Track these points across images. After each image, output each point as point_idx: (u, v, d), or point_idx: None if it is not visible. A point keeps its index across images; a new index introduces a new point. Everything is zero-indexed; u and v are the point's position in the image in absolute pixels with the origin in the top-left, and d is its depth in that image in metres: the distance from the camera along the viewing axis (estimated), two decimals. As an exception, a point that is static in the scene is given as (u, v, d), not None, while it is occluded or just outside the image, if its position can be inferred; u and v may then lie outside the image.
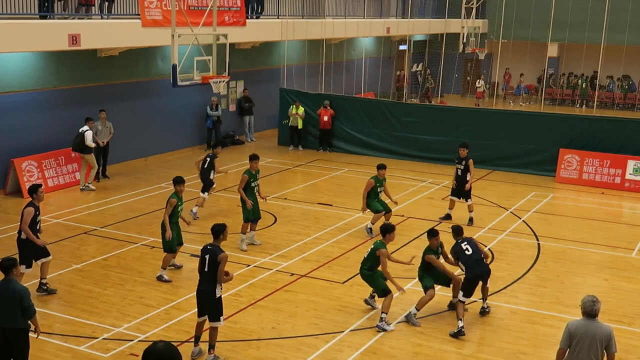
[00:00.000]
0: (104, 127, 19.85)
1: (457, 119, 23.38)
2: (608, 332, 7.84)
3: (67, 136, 19.58)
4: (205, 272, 9.82)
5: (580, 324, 7.90)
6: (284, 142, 26.02)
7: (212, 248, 9.85)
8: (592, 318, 7.88)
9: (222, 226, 10.06)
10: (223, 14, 21.84)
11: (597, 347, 7.77)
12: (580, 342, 7.80)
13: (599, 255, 15.03)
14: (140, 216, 16.85)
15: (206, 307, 9.90)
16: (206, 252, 9.85)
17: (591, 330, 7.80)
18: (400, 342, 10.76)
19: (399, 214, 17.50)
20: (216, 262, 9.70)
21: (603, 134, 21.39)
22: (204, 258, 9.81)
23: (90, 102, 20.30)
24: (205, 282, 9.85)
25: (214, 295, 9.81)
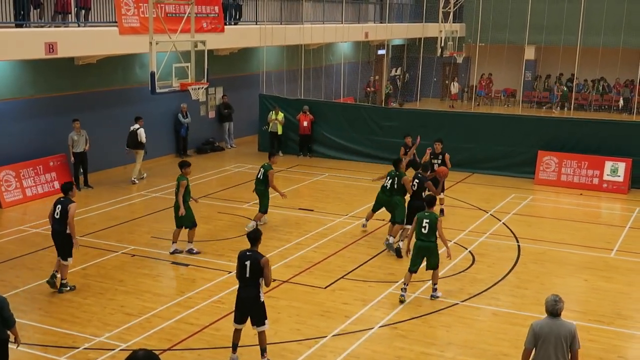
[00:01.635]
0: (79, 136, 19.64)
1: (436, 123, 23.45)
2: (571, 329, 7.90)
3: (45, 145, 19.47)
4: (247, 278, 9.83)
5: (544, 323, 7.96)
6: (264, 148, 25.96)
7: (253, 254, 9.86)
8: (555, 317, 7.95)
9: (259, 232, 10.09)
10: (201, 20, 21.81)
11: (562, 345, 7.83)
12: (546, 342, 7.86)
13: (578, 256, 15.15)
14: (121, 224, 16.75)
15: (251, 312, 9.95)
16: (246, 259, 9.85)
17: (555, 329, 7.86)
18: (382, 346, 10.78)
19: (379, 218, 17.53)
20: (259, 267, 9.73)
21: (580, 136, 21.57)
22: (244, 264, 9.82)
23: (68, 111, 20.17)
24: (248, 287, 9.86)
25: (258, 300, 9.89)
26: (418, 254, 12.35)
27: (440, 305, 12.31)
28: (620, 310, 12.29)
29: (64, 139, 19.84)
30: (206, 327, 11.31)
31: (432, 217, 12.23)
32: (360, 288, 13.04)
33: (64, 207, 12.32)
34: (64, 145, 19.85)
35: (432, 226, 12.14)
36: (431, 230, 12.18)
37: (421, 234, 12.27)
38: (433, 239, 12.23)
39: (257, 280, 9.81)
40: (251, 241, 9.97)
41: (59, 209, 12.40)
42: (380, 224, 16.99)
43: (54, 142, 19.79)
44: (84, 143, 19.76)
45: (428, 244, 12.24)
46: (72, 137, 19.55)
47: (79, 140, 19.66)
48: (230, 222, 17.12)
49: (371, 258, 14.67)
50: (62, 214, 12.33)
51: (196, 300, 12.37)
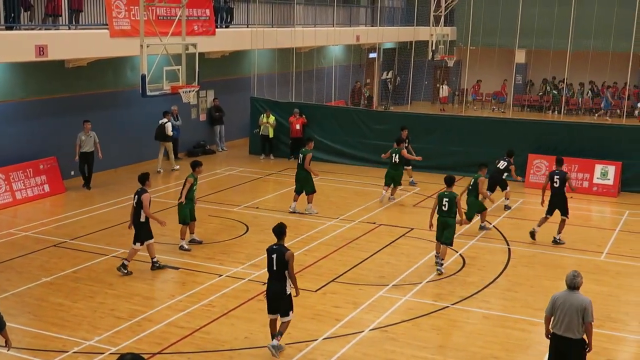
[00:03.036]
0: (87, 137, 19.98)
1: (427, 126, 23.53)
2: (585, 303, 8.89)
3: (35, 148, 19.41)
4: (274, 270, 10.30)
5: (561, 294, 9.05)
6: (255, 151, 25.99)
7: (278, 247, 10.32)
8: (572, 290, 8.99)
9: (284, 226, 10.49)
10: (192, 23, 21.80)
11: (576, 315, 8.85)
12: (562, 311, 8.93)
13: (569, 258, 15.20)
14: (111, 227, 16.70)
15: (278, 303, 10.37)
16: (272, 252, 10.33)
17: (569, 300, 8.91)
18: (373, 349, 10.78)
19: (370, 221, 17.56)
20: (284, 260, 10.18)
21: (571, 139, 21.65)
22: (271, 258, 10.30)
23: (59, 114, 20.14)
24: (275, 280, 10.34)
25: (284, 292, 10.32)
26: (439, 227, 14.15)
27: (431, 308, 12.33)
28: (609, 313, 12.33)
29: (54, 142, 19.83)
30: (196, 331, 11.30)
31: (452, 196, 14.05)
32: (351, 291, 13.05)
33: (139, 197, 13.51)
34: (54, 148, 19.83)
35: (452, 204, 13.95)
36: (450, 208, 13.97)
37: (442, 211, 14.11)
38: (452, 215, 14.05)
39: (283, 273, 10.27)
40: (277, 235, 10.41)
41: (135, 199, 13.62)
42: (370, 227, 17.02)
43: (44, 145, 19.73)
44: (92, 144, 20.05)
45: (447, 219, 14.04)
46: (81, 137, 19.89)
47: (86, 140, 19.97)
48: (221, 225, 17.10)
49: (362, 261, 14.68)
50: (137, 204, 13.57)
51: (186, 304, 12.34)
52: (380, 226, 17.20)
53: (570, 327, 8.89)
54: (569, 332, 8.91)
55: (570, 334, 8.91)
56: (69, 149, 20.20)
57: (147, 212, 13.53)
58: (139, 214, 13.60)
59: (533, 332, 11.59)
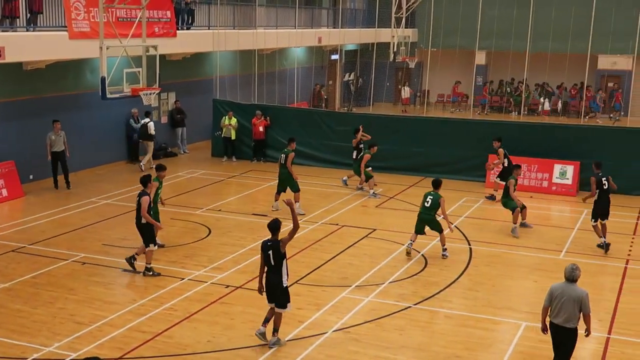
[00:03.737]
0: (57, 136, 20.07)
1: (389, 127, 23.65)
2: (582, 294, 9.33)
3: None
4: (272, 265, 10.68)
5: (559, 286, 9.48)
6: (217, 154, 25.87)
7: (273, 243, 10.67)
8: (570, 282, 9.41)
9: (279, 222, 10.81)
10: (152, 25, 21.62)
11: (574, 306, 9.29)
12: (558, 301, 9.38)
13: (529, 257, 15.40)
14: (72, 232, 16.49)
15: (276, 295, 10.72)
16: (268, 248, 10.68)
17: (567, 292, 9.34)
18: (336, 350, 10.80)
19: (333, 222, 17.60)
20: (280, 253, 10.64)
21: (530, 140, 21.93)
22: (268, 254, 10.66)
23: (17, 117, 19.83)
24: (273, 274, 10.69)
25: (282, 285, 10.70)
26: (420, 223, 15.15)
27: (394, 308, 12.40)
28: (569, 311, 12.49)
29: (12, 146, 19.54)
30: (158, 335, 11.21)
31: (436, 196, 14.93)
32: (313, 293, 13.06)
33: (139, 199, 13.53)
34: (12, 152, 19.53)
35: (435, 203, 14.86)
36: (433, 206, 14.91)
37: (424, 207, 15.06)
38: (433, 213, 15.00)
39: (280, 267, 10.66)
40: (272, 230, 10.73)
41: (137, 200, 13.67)
42: (333, 228, 17.05)
43: (1, 149, 19.41)
44: (62, 143, 20.15)
45: (428, 217, 15.05)
46: (51, 137, 20.00)
47: (57, 140, 20.06)
48: (184, 228, 16.99)
49: (325, 262, 14.70)
50: (138, 206, 13.60)
51: (148, 308, 12.24)
52: (343, 227, 17.24)
53: (568, 317, 9.35)
54: (567, 322, 9.38)
55: (568, 324, 9.39)
56: (28, 152, 19.93)
57: (144, 214, 13.48)
58: (140, 216, 13.59)
59: (495, 331, 11.72)
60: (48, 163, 20.25)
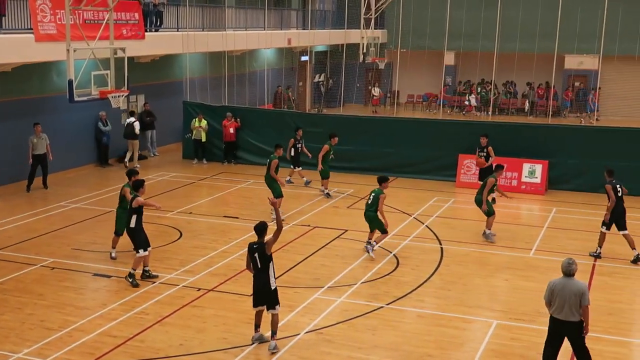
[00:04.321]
0: (39, 139, 20.11)
1: (359, 128, 23.72)
2: (581, 287, 9.52)
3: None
4: (259, 268, 10.58)
5: (559, 281, 9.60)
6: (188, 156, 25.74)
7: (259, 246, 10.57)
8: (568, 277, 9.55)
9: (265, 224, 10.72)
10: (120, 27, 21.45)
11: (574, 300, 9.42)
12: (560, 297, 9.48)
13: (499, 256, 15.52)
14: (39, 237, 16.28)
15: (264, 298, 10.66)
16: (254, 251, 10.58)
17: (567, 287, 9.48)
18: (309, 352, 10.79)
19: (305, 223, 17.60)
20: (266, 256, 10.53)
21: (499, 139, 22.07)
22: (254, 257, 10.57)
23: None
24: (260, 276, 10.60)
25: (270, 287, 10.62)
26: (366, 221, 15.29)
27: (366, 309, 12.42)
28: (540, 308, 12.56)
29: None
30: (130, 339, 11.11)
31: (378, 192, 14.96)
32: (286, 294, 13.00)
33: (131, 203, 13.23)
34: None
35: (375, 200, 14.86)
36: (373, 203, 14.91)
37: (366, 204, 15.22)
38: (372, 209, 14.96)
39: (267, 269, 10.56)
40: (258, 233, 10.63)
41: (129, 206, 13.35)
42: (305, 229, 17.05)
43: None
44: (44, 146, 20.24)
45: (368, 213, 15.08)
46: (32, 140, 20.04)
47: (38, 143, 20.11)
48: (155, 231, 16.83)
49: (297, 264, 14.68)
50: (130, 212, 13.29)
51: (119, 312, 12.13)
52: (314, 228, 17.25)
53: (572, 311, 9.48)
54: (571, 316, 9.50)
55: (572, 318, 9.51)
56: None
57: (141, 201, 13.19)
58: (130, 220, 13.25)
59: (467, 330, 11.79)
60: (16, 167, 20.01)
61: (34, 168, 20.32)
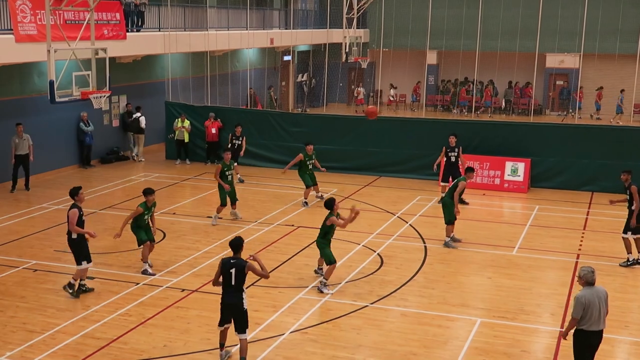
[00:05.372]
0: (21, 140, 20.04)
1: (343, 128, 23.74)
2: (605, 291, 9.47)
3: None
4: (232, 285, 10.03)
5: (586, 293, 9.30)
6: (170, 156, 25.66)
7: (237, 261, 10.05)
8: (592, 285, 9.35)
9: (241, 240, 10.30)
10: (101, 27, 21.33)
11: (603, 306, 9.34)
12: (591, 307, 9.23)
13: (482, 254, 15.59)
14: (21, 239, 16.16)
15: (234, 318, 10.15)
16: (231, 266, 10.01)
17: (597, 295, 9.32)
18: (294, 352, 10.79)
19: (288, 223, 17.58)
20: (243, 274, 10.02)
21: (482, 138, 22.21)
22: (230, 272, 9.99)
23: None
24: (233, 294, 10.06)
25: (242, 307, 10.10)
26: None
27: (350, 308, 12.43)
28: (522, 306, 12.71)
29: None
30: (113, 341, 11.05)
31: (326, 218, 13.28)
32: (270, 294, 13.02)
33: (68, 213, 12.61)
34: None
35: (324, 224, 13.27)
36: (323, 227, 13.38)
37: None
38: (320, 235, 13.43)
39: (241, 287, 10.07)
40: (234, 248, 10.17)
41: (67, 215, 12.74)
42: (289, 229, 17.04)
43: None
44: (26, 147, 20.18)
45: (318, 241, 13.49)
46: (15, 140, 19.99)
47: (20, 143, 20.04)
48: (137, 232, 16.77)
49: (281, 264, 14.67)
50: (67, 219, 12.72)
51: (102, 314, 12.06)
52: (298, 228, 17.24)
53: (602, 319, 9.37)
54: (602, 324, 9.39)
55: (602, 325, 9.41)
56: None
57: (72, 228, 12.53)
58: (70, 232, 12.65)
59: (450, 328, 11.83)
60: (7, 166, 20.02)
61: (16, 169, 20.24)
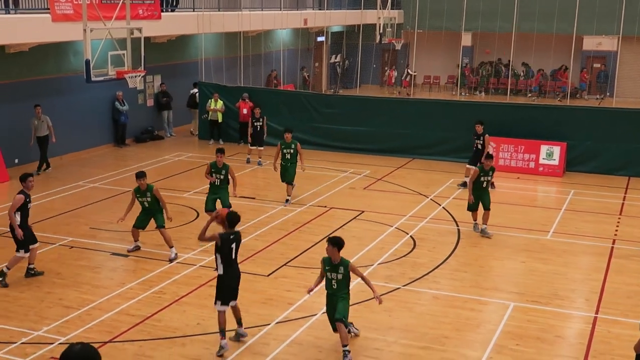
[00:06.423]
0: (40, 121, 19.97)
1: (375, 109, 23.63)
2: None
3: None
4: (233, 259, 10.32)
5: None
6: (203, 136, 25.78)
7: (235, 235, 10.31)
8: None
9: (238, 216, 10.47)
10: (137, 7, 21.42)
11: None
12: None
13: (516, 238, 15.46)
14: (57, 216, 16.39)
15: (235, 289, 10.43)
16: (232, 241, 10.23)
17: None
18: (325, 332, 10.79)
19: (321, 204, 17.59)
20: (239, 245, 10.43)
21: (517, 121, 21.96)
22: (231, 247, 10.23)
23: (1, 101, 19.62)
24: (235, 267, 10.39)
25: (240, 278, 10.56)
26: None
27: (382, 290, 12.39)
28: (556, 291, 12.59)
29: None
30: (147, 318, 11.18)
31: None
32: (302, 275, 13.06)
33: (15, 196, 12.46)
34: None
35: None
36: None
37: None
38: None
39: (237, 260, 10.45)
40: (232, 224, 10.30)
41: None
42: (321, 210, 17.04)
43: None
44: (45, 128, 20.03)
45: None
46: (33, 121, 19.92)
47: (39, 125, 19.94)
48: (171, 211, 16.83)
49: (313, 245, 14.69)
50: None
51: (137, 291, 12.20)
52: (330, 209, 17.24)
53: None
54: None
55: None
56: (12, 136, 19.78)
57: (9, 214, 12.35)
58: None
59: (482, 311, 11.77)
60: (34, 147, 20.12)
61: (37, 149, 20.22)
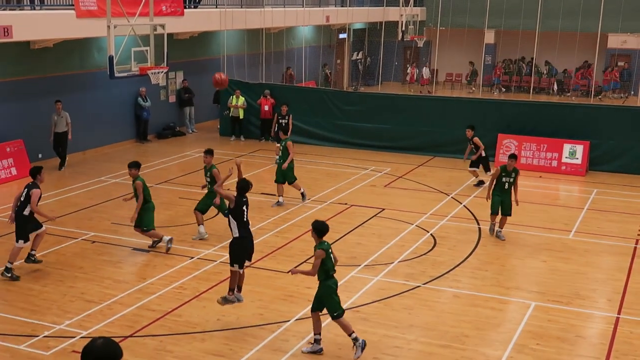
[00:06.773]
0: (59, 117, 20.04)
1: (397, 107, 23.57)
2: None
3: (1, 131, 19.10)
4: (245, 221, 10.91)
5: None
6: (225, 133, 25.86)
7: (246, 199, 11.02)
8: None
9: (249, 183, 11.17)
10: (160, 3, 21.51)
11: None
12: None
13: (537, 237, 15.36)
14: (80, 211, 16.53)
15: (252, 249, 11.15)
16: (243, 204, 10.91)
17: None
18: (345, 330, 10.81)
19: (341, 202, 17.59)
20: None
21: (539, 119, 21.82)
22: (243, 210, 10.86)
23: (25, 96, 19.82)
24: (248, 230, 11.03)
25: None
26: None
27: (402, 288, 12.40)
28: (578, 291, 12.50)
29: (20, 125, 19.58)
30: (168, 313, 11.25)
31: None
32: (322, 272, 13.04)
33: (28, 192, 12.57)
34: (21, 131, 19.56)
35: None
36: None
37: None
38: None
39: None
40: (243, 190, 10.98)
41: (25, 192, 12.65)
42: (342, 207, 17.04)
43: (10, 127, 19.44)
44: (64, 124, 20.08)
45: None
46: (53, 117, 19.96)
47: (58, 121, 20.00)
48: (192, 207, 16.93)
49: (333, 242, 14.65)
50: (26, 198, 12.59)
51: (158, 287, 12.28)
52: (351, 207, 17.23)
53: None
54: None
55: None
56: (36, 131, 19.98)
57: (34, 207, 12.49)
58: (24, 208, 12.54)
59: (503, 310, 11.72)
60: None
61: (56, 146, 20.23)
